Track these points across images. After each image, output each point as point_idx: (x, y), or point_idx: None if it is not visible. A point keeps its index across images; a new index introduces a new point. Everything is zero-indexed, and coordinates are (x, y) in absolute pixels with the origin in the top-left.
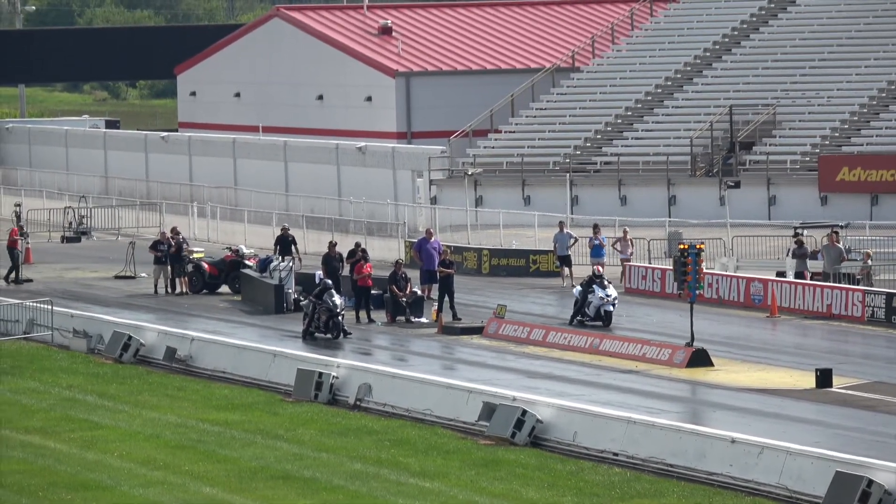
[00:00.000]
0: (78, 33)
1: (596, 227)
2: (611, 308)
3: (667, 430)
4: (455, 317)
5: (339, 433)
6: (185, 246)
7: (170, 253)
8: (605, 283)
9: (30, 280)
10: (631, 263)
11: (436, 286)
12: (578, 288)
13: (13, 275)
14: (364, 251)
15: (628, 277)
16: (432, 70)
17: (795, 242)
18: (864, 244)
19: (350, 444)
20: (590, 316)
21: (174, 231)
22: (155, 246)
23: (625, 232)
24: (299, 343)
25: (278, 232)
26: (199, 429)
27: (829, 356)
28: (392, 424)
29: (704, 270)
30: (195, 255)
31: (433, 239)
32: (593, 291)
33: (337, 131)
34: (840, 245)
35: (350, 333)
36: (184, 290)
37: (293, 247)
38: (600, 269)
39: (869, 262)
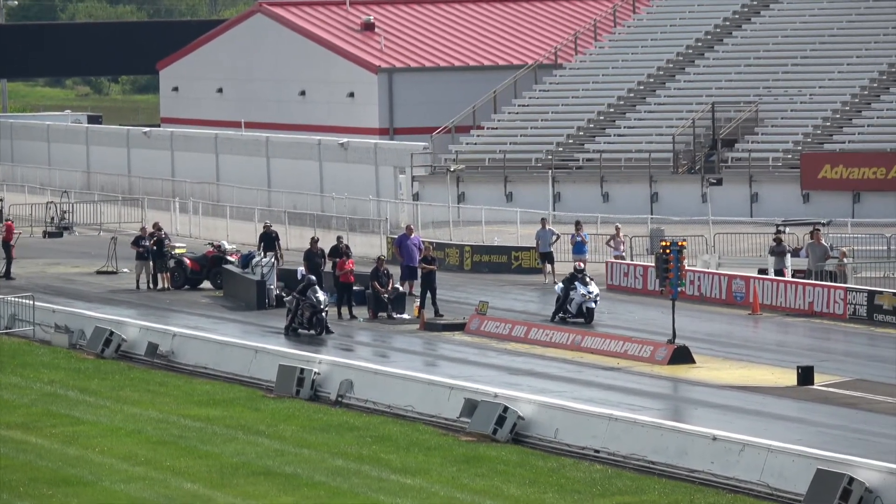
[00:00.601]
0: (60, 28)
1: (578, 224)
2: (593, 305)
3: (648, 428)
4: (437, 313)
5: (320, 429)
6: (166, 241)
7: (150, 248)
8: (587, 279)
9: (12, 278)
10: (614, 261)
11: (416, 282)
12: (560, 285)
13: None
14: (346, 247)
15: (610, 274)
16: (415, 66)
17: (774, 240)
18: (845, 242)
19: (331, 440)
20: (572, 313)
21: (156, 226)
22: (137, 242)
23: (617, 229)
24: (281, 339)
25: (261, 229)
26: (181, 424)
27: (811, 353)
28: (373, 421)
29: (686, 267)
30: (177, 251)
31: (413, 235)
32: (575, 288)
33: (319, 127)
34: (825, 243)
35: (332, 332)
36: (165, 285)
37: (276, 243)
38: (582, 265)
39: (845, 260)
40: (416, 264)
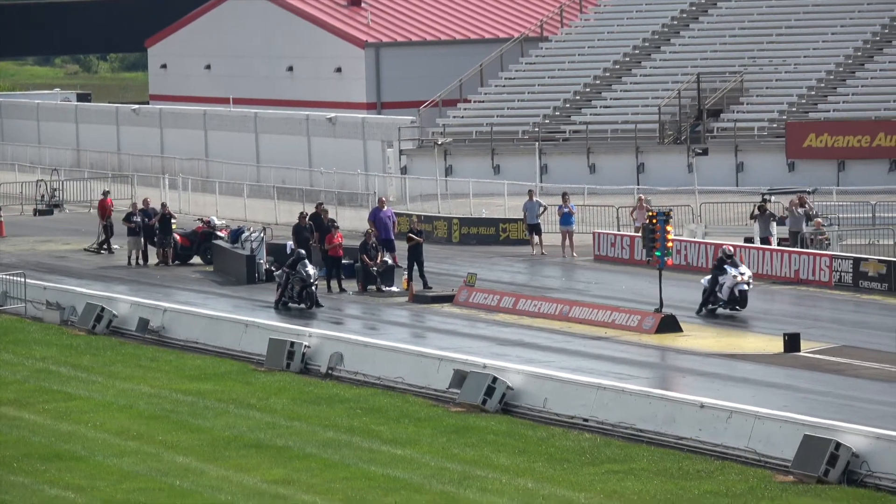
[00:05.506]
0: (49, 7)
1: (565, 196)
2: (745, 287)
3: (636, 396)
4: (425, 285)
5: (311, 402)
6: (169, 218)
7: (153, 226)
8: (737, 261)
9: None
10: (600, 231)
11: (395, 254)
12: (707, 277)
13: (106, 244)
14: (332, 221)
15: (597, 245)
16: (402, 41)
17: (758, 208)
18: (831, 210)
19: (322, 412)
20: (723, 300)
21: (146, 202)
22: (128, 218)
23: (640, 200)
24: (271, 313)
25: (313, 209)
26: (173, 399)
27: (798, 321)
28: (364, 393)
29: (673, 237)
30: None
31: (385, 208)
32: (724, 272)
33: (307, 102)
34: (805, 209)
35: (322, 306)
36: (159, 260)
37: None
38: (731, 248)
39: (823, 228)
40: (390, 237)
